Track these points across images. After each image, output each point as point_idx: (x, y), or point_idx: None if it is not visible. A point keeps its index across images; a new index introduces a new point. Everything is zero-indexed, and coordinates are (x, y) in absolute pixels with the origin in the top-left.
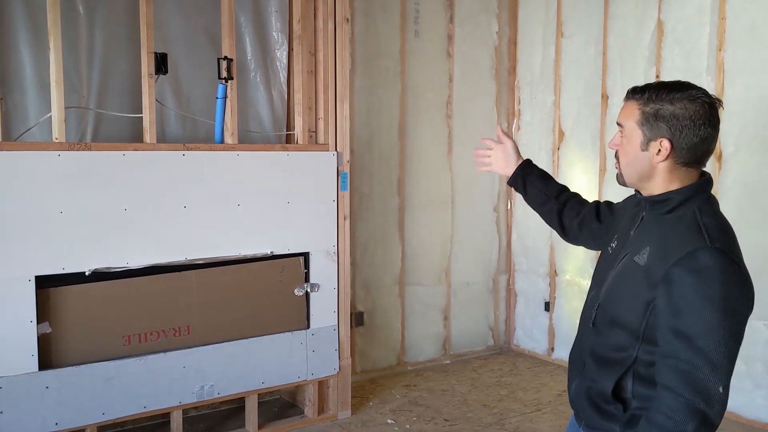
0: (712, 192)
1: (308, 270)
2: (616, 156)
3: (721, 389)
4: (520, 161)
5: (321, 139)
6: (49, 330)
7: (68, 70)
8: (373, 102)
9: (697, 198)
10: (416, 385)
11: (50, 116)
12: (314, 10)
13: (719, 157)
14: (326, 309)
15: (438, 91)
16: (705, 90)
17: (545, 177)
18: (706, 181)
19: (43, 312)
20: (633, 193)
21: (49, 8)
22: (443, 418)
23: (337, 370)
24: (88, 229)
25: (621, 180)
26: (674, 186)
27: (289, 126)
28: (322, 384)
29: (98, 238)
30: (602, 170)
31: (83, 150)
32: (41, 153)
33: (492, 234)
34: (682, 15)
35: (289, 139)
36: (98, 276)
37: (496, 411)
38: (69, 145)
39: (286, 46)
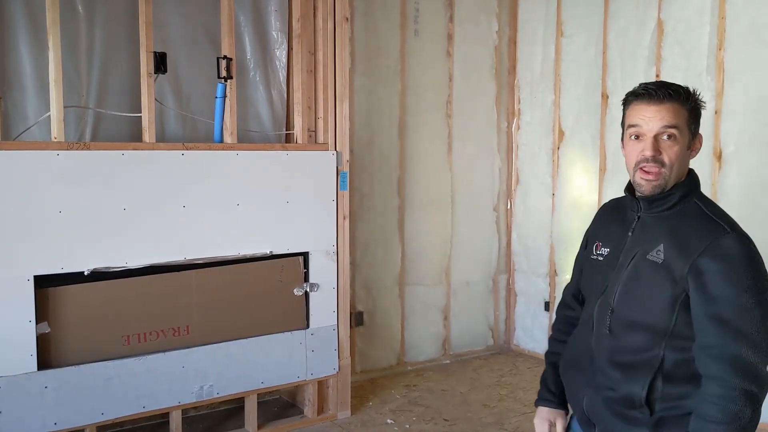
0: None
1: (308, 270)
2: (657, 160)
3: (767, 368)
4: (562, 408)
5: (320, 138)
6: (48, 330)
7: (67, 69)
8: (373, 101)
9: (694, 191)
10: (416, 385)
11: (49, 115)
12: (314, 9)
13: (719, 157)
14: (326, 309)
15: (438, 90)
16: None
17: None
18: (695, 175)
19: (42, 312)
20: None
21: (48, 7)
22: (443, 418)
23: (337, 370)
24: (87, 229)
25: (661, 188)
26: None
27: (289, 125)
28: (321, 384)
29: (97, 237)
30: (602, 170)
31: (82, 149)
32: (40, 152)
33: (492, 234)
34: (682, 15)
35: (288, 139)
36: (97, 276)
37: (496, 411)
38: (68, 145)
39: (285, 46)
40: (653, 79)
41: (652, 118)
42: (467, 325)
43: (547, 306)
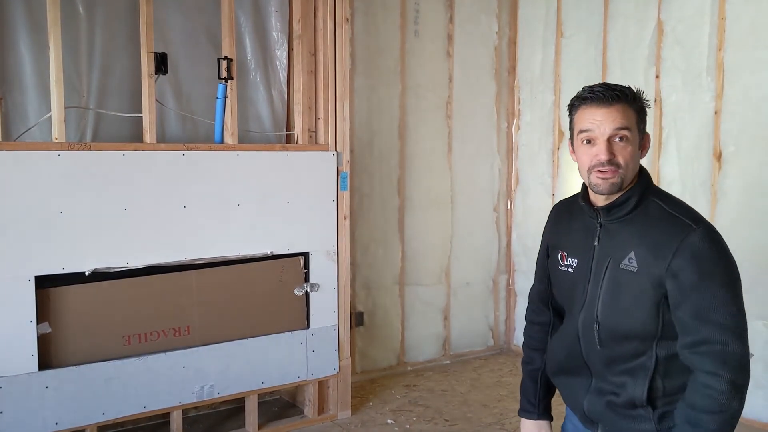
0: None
1: (308, 270)
2: (613, 163)
3: (750, 356)
4: (545, 418)
5: (321, 139)
6: (48, 330)
7: (68, 69)
8: (374, 102)
9: (650, 190)
10: (416, 385)
11: (50, 116)
12: (314, 9)
13: (719, 157)
14: (326, 309)
15: (438, 91)
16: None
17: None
18: (647, 172)
19: (42, 312)
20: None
21: (49, 7)
22: (443, 418)
23: (337, 370)
24: (88, 229)
25: (617, 188)
26: (631, 185)
27: (289, 126)
28: (322, 384)
29: (98, 238)
30: None
31: (83, 150)
32: (41, 153)
33: (492, 234)
34: (682, 15)
35: (289, 139)
36: (98, 276)
37: (497, 411)
38: (69, 145)
39: (286, 46)
40: (653, 80)
41: (603, 121)
42: (467, 325)
43: None
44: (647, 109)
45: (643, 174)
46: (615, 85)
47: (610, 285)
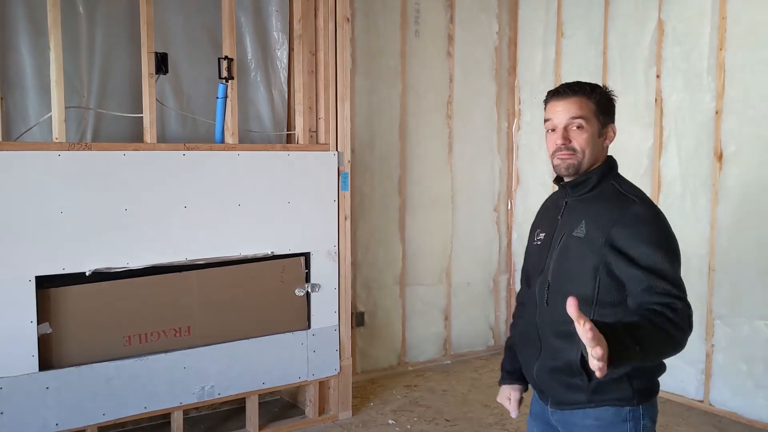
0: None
1: (309, 270)
2: (568, 147)
3: (690, 310)
4: (516, 383)
5: (322, 138)
6: (49, 330)
7: (68, 69)
8: (374, 102)
9: (611, 174)
10: (417, 386)
11: (50, 116)
12: (315, 9)
13: (720, 157)
14: (327, 309)
15: (438, 90)
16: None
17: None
18: (613, 159)
19: (43, 312)
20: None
21: (49, 8)
22: (444, 419)
23: (338, 370)
24: (89, 229)
25: (575, 169)
26: (593, 167)
27: (290, 126)
28: (322, 384)
29: (98, 238)
30: None
31: (83, 150)
32: (41, 153)
33: (492, 234)
34: (682, 15)
35: (289, 139)
36: (98, 276)
37: (497, 411)
38: (69, 145)
39: (286, 46)
40: (653, 80)
41: (561, 111)
42: (468, 325)
43: None
44: (613, 101)
45: (608, 160)
46: (580, 82)
47: (562, 250)
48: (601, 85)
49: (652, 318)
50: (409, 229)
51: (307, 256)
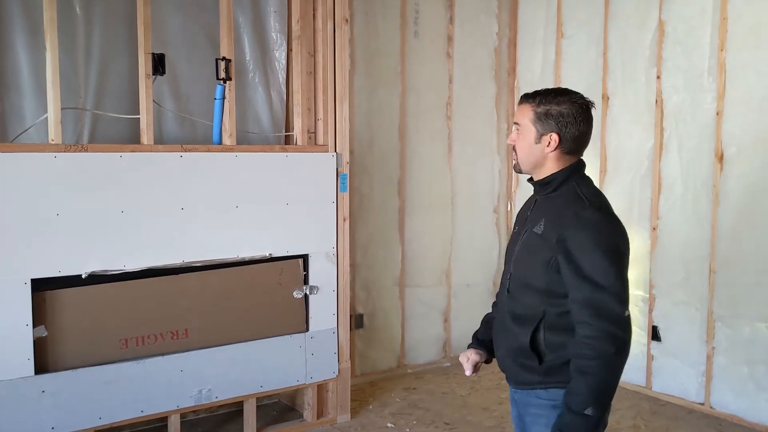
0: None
1: (307, 272)
2: (514, 149)
3: (626, 315)
4: (480, 349)
5: (320, 140)
6: (45, 333)
7: (65, 70)
8: (373, 103)
9: (574, 176)
10: (416, 388)
11: (47, 117)
12: (313, 10)
13: (720, 158)
14: (325, 311)
15: (438, 91)
16: (582, 94)
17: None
18: (578, 163)
19: (39, 315)
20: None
21: (45, 8)
22: (443, 422)
23: (337, 373)
24: (85, 232)
25: (518, 169)
26: (558, 170)
27: (288, 127)
28: (321, 387)
29: (95, 240)
30: (603, 171)
31: (80, 151)
32: (37, 155)
33: (492, 235)
34: (683, 15)
35: (288, 140)
36: (95, 279)
37: (497, 414)
38: (65, 147)
39: (285, 47)
40: (654, 80)
41: (515, 116)
42: (468, 327)
43: None
44: (556, 112)
45: (572, 164)
46: (542, 89)
47: (523, 244)
48: (563, 94)
49: (578, 363)
50: (409, 231)
51: (305, 257)
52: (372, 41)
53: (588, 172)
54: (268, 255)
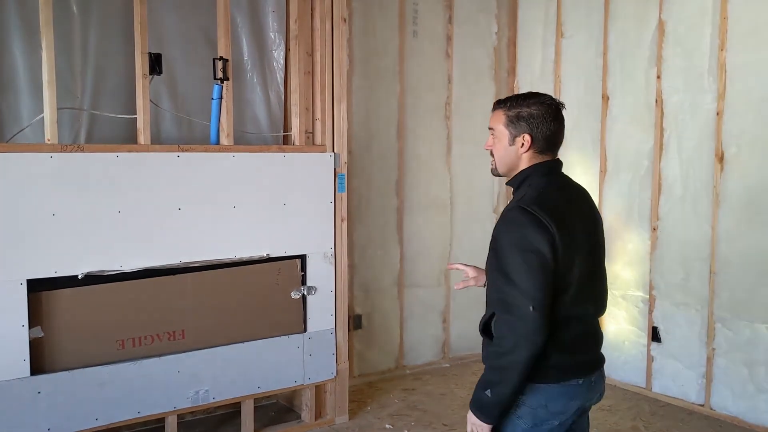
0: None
1: (305, 272)
2: (492, 154)
3: (531, 308)
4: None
5: (318, 140)
6: (41, 334)
7: (62, 70)
8: (372, 103)
9: (534, 175)
10: (415, 389)
11: (43, 117)
12: (311, 9)
13: (721, 159)
14: (323, 312)
15: (437, 91)
16: (551, 96)
17: None
18: (547, 162)
19: (35, 316)
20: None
21: (41, 8)
22: (442, 423)
23: (335, 374)
24: (81, 232)
25: (495, 172)
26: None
27: (287, 127)
28: (319, 388)
29: (91, 240)
30: (602, 171)
31: (76, 151)
32: (33, 155)
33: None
34: (683, 15)
35: (286, 140)
36: (91, 279)
37: None
38: (61, 147)
39: (283, 47)
40: (654, 80)
41: (489, 122)
42: (467, 327)
43: None
44: (525, 114)
45: (536, 164)
46: (513, 95)
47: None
48: (532, 97)
49: (489, 350)
50: (407, 231)
51: (303, 258)
52: (370, 41)
53: (587, 172)
54: (265, 255)
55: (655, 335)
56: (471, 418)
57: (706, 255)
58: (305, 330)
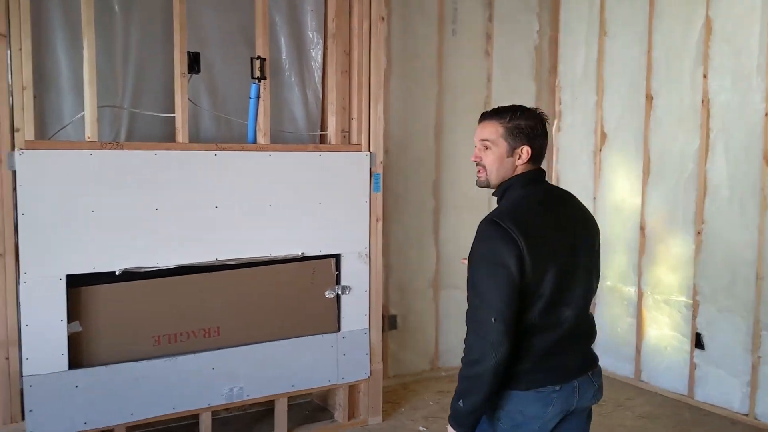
0: None
1: (340, 272)
2: (480, 164)
3: (493, 320)
4: None
5: (354, 139)
6: (79, 329)
7: (103, 69)
8: (409, 102)
9: (515, 186)
10: (449, 392)
11: (83, 115)
12: (349, 8)
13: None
14: (358, 312)
15: (476, 91)
16: (540, 109)
17: None
18: (529, 172)
19: (73, 311)
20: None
21: (83, 7)
22: None
23: (369, 374)
24: (120, 229)
25: (484, 183)
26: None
27: (324, 126)
28: (353, 388)
29: (129, 237)
30: (646, 173)
31: (115, 149)
32: (74, 152)
33: None
34: (731, 12)
35: (322, 140)
36: (129, 275)
37: None
38: (101, 145)
39: (321, 46)
40: (700, 80)
41: (477, 134)
42: None
43: None
44: (527, 127)
45: (518, 174)
46: (502, 107)
47: None
48: (527, 110)
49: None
50: (444, 231)
51: (337, 257)
52: (408, 40)
53: (630, 174)
54: (300, 254)
55: (698, 342)
56: (449, 429)
57: (753, 259)
58: (339, 329)
